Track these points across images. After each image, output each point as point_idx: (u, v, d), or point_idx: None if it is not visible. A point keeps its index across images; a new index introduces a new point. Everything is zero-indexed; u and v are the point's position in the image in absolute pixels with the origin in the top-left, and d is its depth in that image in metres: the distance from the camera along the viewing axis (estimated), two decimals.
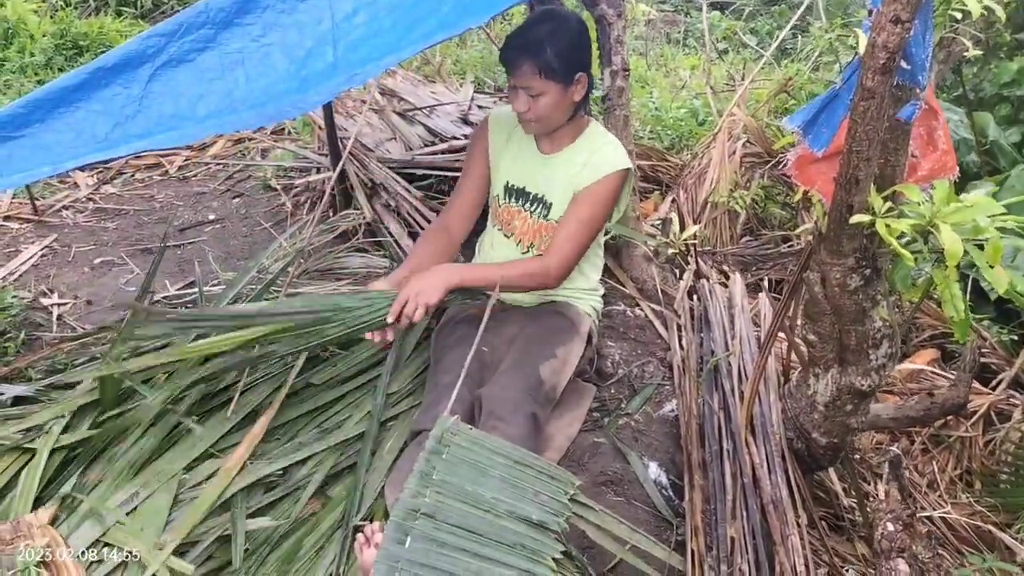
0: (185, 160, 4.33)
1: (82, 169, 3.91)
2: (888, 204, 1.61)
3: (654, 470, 2.16)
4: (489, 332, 1.97)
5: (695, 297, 2.83)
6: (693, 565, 1.88)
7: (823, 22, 5.55)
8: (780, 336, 2.22)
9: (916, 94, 1.60)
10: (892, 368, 1.95)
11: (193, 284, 2.98)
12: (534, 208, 2.26)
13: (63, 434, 1.95)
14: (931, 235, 1.58)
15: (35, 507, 1.80)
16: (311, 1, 2.01)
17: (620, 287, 2.92)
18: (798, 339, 2.07)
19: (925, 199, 1.61)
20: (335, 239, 3.07)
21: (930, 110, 1.77)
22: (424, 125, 3.79)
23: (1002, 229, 1.59)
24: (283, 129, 4.66)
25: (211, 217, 3.72)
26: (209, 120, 1.86)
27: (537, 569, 1.49)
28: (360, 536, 1.69)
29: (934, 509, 2.53)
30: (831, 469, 2.43)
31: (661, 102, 5.52)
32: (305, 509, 1.94)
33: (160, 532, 1.78)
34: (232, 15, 1.96)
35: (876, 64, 1.42)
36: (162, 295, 2.90)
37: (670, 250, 3.12)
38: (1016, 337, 3.17)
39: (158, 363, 2.05)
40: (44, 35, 5.33)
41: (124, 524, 1.78)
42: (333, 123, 3.14)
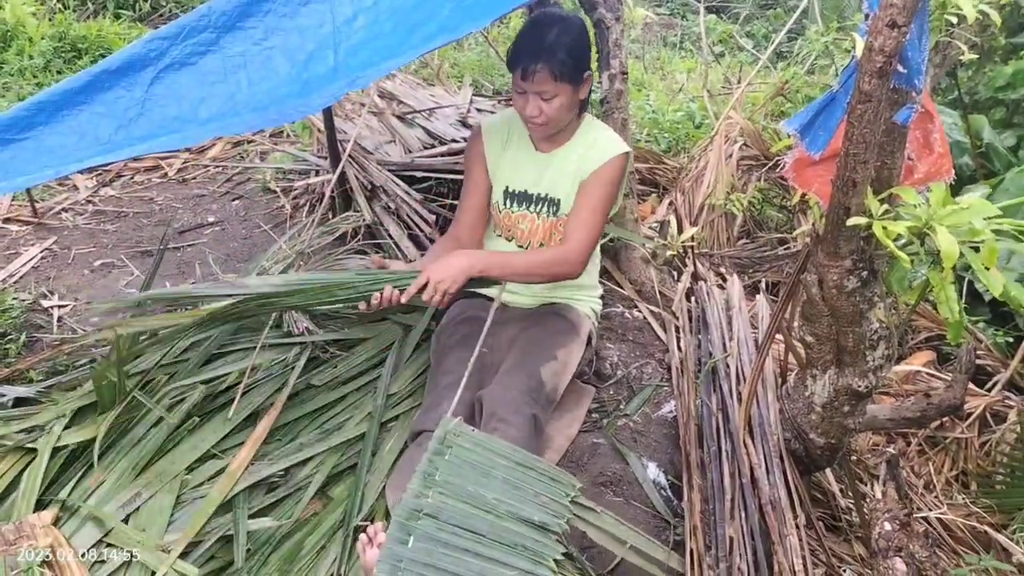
0: (184, 163, 4.33)
1: (82, 172, 3.92)
2: (885, 206, 1.62)
3: (653, 470, 2.17)
4: (490, 334, 1.98)
5: (693, 299, 2.85)
6: (692, 565, 1.89)
7: (819, 26, 5.58)
8: (778, 338, 2.24)
9: (912, 97, 1.61)
10: (889, 369, 1.96)
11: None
12: (540, 208, 2.27)
13: (65, 433, 1.96)
14: (927, 237, 1.59)
15: (37, 508, 1.81)
16: (312, 5, 2.02)
17: (618, 289, 2.94)
18: (795, 340, 2.09)
19: (921, 202, 1.62)
20: (335, 241, 3.08)
21: (926, 113, 1.78)
22: (423, 128, 3.80)
23: (997, 231, 1.61)
24: (282, 132, 4.67)
25: (210, 219, 3.72)
26: (211, 123, 1.87)
27: (539, 570, 1.50)
28: (362, 536, 1.70)
29: (930, 510, 2.54)
30: (828, 470, 2.45)
31: (658, 105, 5.54)
32: (307, 509, 1.95)
33: (163, 533, 1.80)
34: (234, 19, 1.97)
35: (873, 68, 1.44)
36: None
37: (668, 252, 3.14)
38: (1011, 339, 3.19)
39: (163, 325, 2.04)
40: (43, 38, 5.32)
41: (127, 525, 1.79)
42: (333, 126, 3.15)
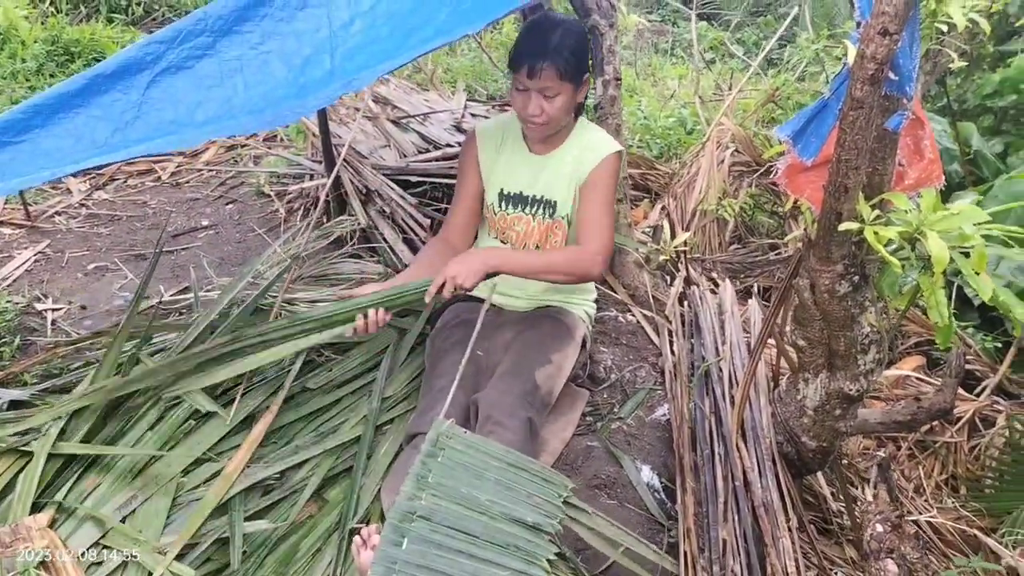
0: (178, 167, 4.33)
1: (76, 175, 3.91)
2: (876, 212, 1.64)
3: (647, 473, 2.19)
4: (485, 337, 1.99)
5: (686, 303, 2.86)
6: (686, 567, 1.90)
7: (809, 33, 5.62)
8: (770, 342, 2.26)
9: (903, 104, 1.63)
10: (880, 373, 1.98)
11: (187, 289, 2.99)
12: (536, 210, 2.28)
13: (63, 444, 1.96)
14: (918, 242, 1.61)
15: (33, 511, 1.80)
16: (309, 10, 2.04)
17: (612, 293, 2.96)
18: (787, 345, 2.11)
19: (912, 207, 1.64)
20: (329, 245, 3.09)
21: (917, 120, 1.80)
22: (418, 132, 3.82)
23: (987, 237, 1.63)
24: (276, 136, 4.67)
25: (204, 223, 3.72)
26: (208, 125, 1.88)
27: (532, 570, 1.51)
28: (357, 538, 1.71)
29: (920, 513, 2.56)
30: (819, 474, 2.47)
31: (650, 111, 5.57)
32: (302, 512, 1.96)
33: (159, 535, 1.80)
34: (231, 23, 1.98)
35: (865, 75, 1.46)
36: (156, 300, 2.90)
37: (661, 257, 3.16)
38: (999, 344, 3.22)
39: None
40: (35, 41, 5.31)
41: (123, 527, 1.79)
42: (328, 130, 3.16)
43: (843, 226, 1.63)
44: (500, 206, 2.32)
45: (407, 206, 3.21)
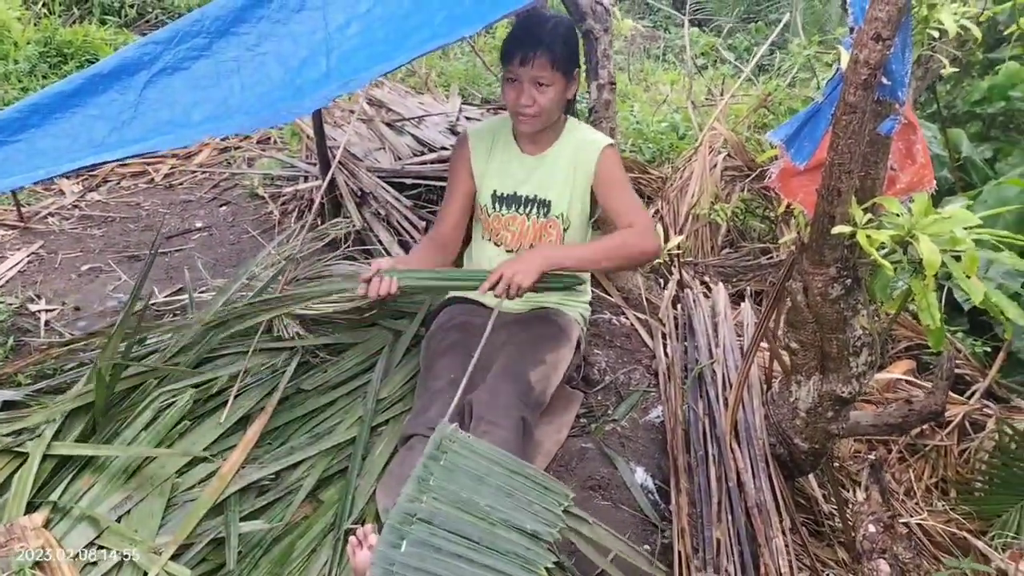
0: (171, 168, 4.32)
1: (69, 176, 3.91)
2: (868, 216, 1.66)
3: (641, 475, 2.20)
4: (479, 337, 2.00)
5: (679, 306, 2.88)
6: (680, 567, 1.91)
7: (801, 39, 5.66)
8: (763, 345, 2.27)
9: (896, 109, 1.64)
10: (872, 376, 2.00)
11: (182, 291, 2.99)
12: (530, 210, 2.29)
13: (58, 444, 1.95)
14: (910, 246, 1.63)
15: (28, 511, 1.80)
16: (306, 12, 2.04)
17: (606, 296, 2.97)
18: (780, 347, 2.12)
19: (904, 211, 1.66)
20: (324, 247, 3.09)
21: (909, 125, 1.82)
22: (413, 135, 3.83)
23: (977, 242, 1.65)
24: (270, 138, 4.67)
25: (198, 225, 3.72)
26: (204, 124, 1.89)
27: None
28: (352, 538, 1.71)
29: (911, 516, 2.58)
30: (811, 476, 2.48)
31: (642, 116, 5.60)
32: (297, 512, 1.96)
33: (154, 535, 1.79)
34: (227, 25, 1.99)
35: (858, 80, 1.47)
36: (151, 301, 2.90)
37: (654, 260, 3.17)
38: (989, 349, 3.25)
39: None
40: (28, 42, 5.29)
41: (118, 527, 1.79)
42: (323, 132, 3.17)
43: (836, 229, 1.64)
44: (494, 207, 2.33)
45: (402, 208, 3.22)
